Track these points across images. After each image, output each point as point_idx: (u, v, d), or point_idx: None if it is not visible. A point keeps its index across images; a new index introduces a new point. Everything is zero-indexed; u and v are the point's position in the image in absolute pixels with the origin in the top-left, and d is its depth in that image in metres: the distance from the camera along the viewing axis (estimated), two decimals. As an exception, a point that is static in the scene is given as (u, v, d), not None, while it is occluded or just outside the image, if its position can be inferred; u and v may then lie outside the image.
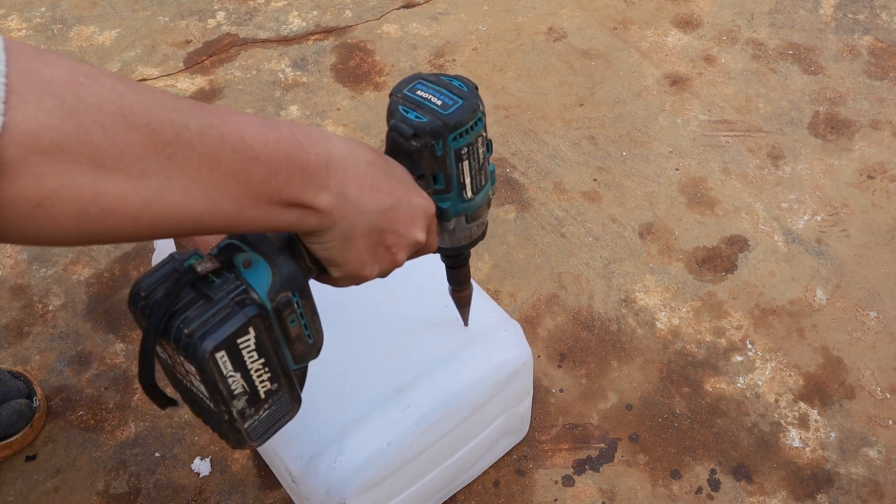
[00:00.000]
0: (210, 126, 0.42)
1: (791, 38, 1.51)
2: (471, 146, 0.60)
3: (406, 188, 0.56)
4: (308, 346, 0.57)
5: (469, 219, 0.66)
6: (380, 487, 0.79)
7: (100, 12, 1.59)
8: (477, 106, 0.59)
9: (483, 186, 0.64)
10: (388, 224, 0.55)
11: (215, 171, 0.43)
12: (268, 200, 0.46)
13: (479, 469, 0.97)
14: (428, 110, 0.58)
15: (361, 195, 0.52)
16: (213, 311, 0.50)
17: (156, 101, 0.40)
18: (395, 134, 0.59)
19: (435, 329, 0.84)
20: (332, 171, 0.49)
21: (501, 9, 1.58)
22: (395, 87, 0.60)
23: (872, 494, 0.97)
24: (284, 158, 0.46)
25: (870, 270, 1.18)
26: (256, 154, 0.44)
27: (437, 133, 0.58)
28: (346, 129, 1.37)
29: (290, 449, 0.78)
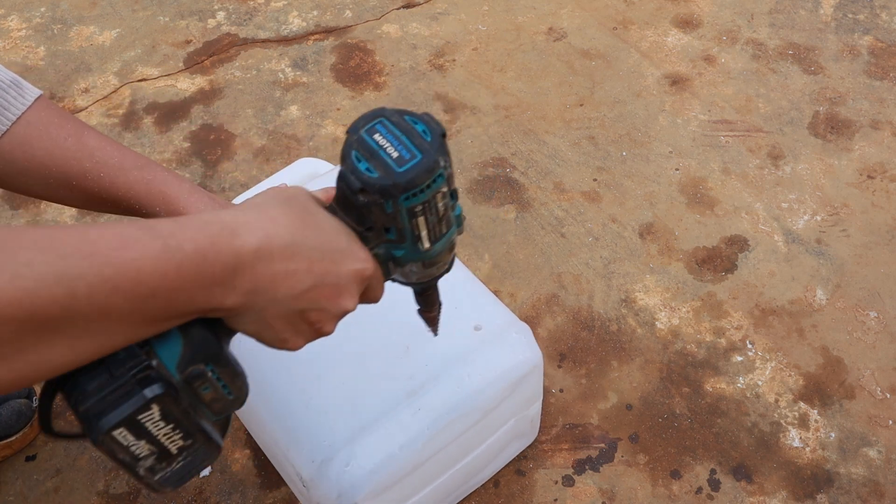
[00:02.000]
0: (101, 280, 0.40)
1: (791, 38, 1.51)
2: (427, 203, 0.53)
3: (335, 257, 0.52)
4: (228, 402, 0.54)
5: (427, 265, 0.60)
6: (391, 491, 0.79)
7: (100, 12, 1.59)
8: (436, 163, 0.52)
9: (443, 235, 0.57)
10: (308, 304, 0.52)
11: (105, 322, 0.41)
12: (165, 319, 0.45)
13: (489, 473, 0.97)
14: (381, 163, 0.52)
15: (274, 285, 0.49)
16: (112, 388, 0.47)
17: (39, 276, 0.38)
18: (343, 185, 0.53)
19: (445, 332, 0.84)
20: (240, 272, 0.47)
21: (501, 9, 1.58)
22: (354, 124, 0.54)
23: (872, 494, 0.97)
24: (186, 282, 0.44)
25: (870, 270, 1.18)
26: (154, 290, 0.42)
27: (387, 193, 0.52)
28: (345, 129, 1.37)
29: (301, 453, 0.78)
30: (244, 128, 1.38)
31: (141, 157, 0.77)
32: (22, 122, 0.73)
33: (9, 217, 1.27)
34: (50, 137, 0.74)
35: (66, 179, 0.75)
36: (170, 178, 0.78)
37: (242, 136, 1.37)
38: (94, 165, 0.75)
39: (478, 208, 1.26)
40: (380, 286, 0.59)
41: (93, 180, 0.75)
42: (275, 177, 1.01)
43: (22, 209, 1.28)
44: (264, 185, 0.99)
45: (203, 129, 1.38)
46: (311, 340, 0.55)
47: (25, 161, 0.73)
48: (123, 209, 0.78)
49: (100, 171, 0.75)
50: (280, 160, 1.33)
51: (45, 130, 0.74)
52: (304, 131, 1.37)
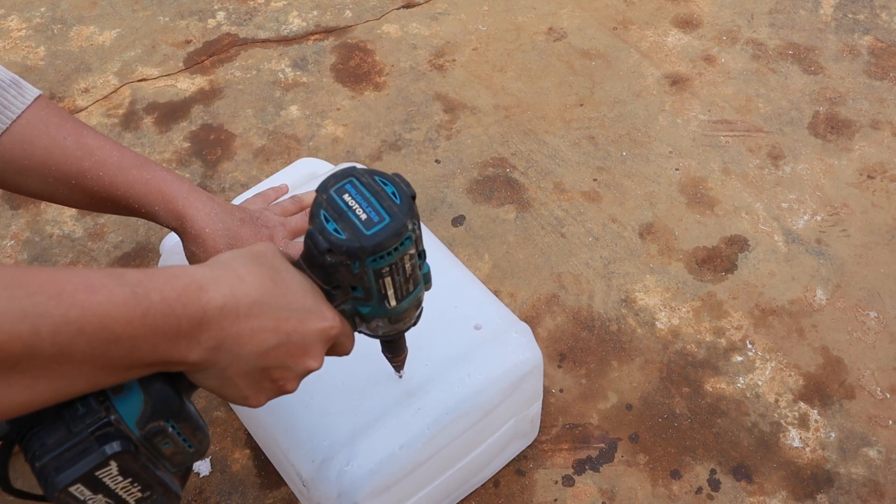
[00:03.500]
0: (66, 322, 0.40)
1: (791, 38, 1.51)
2: (394, 265, 0.54)
3: (301, 316, 0.53)
4: (188, 454, 0.54)
5: (393, 321, 0.60)
6: (391, 491, 0.79)
7: (100, 12, 1.59)
8: (404, 227, 0.53)
9: (410, 293, 0.58)
10: (273, 362, 0.52)
11: (66, 364, 0.41)
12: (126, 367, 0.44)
13: (489, 473, 0.97)
14: (349, 224, 0.52)
15: (238, 342, 0.49)
16: (70, 445, 0.47)
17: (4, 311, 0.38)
18: (311, 244, 0.53)
19: (445, 332, 0.84)
20: (205, 327, 0.47)
21: (501, 9, 1.58)
22: (324, 183, 0.54)
23: (872, 494, 0.97)
24: (151, 331, 0.44)
25: (870, 270, 1.18)
26: (118, 336, 0.42)
27: (353, 255, 0.52)
28: (346, 129, 1.37)
29: (301, 453, 0.78)
30: (244, 128, 1.38)
31: (140, 157, 0.77)
32: (21, 122, 0.73)
33: (9, 217, 1.27)
34: (49, 136, 0.74)
35: (65, 178, 0.75)
36: (169, 177, 0.78)
37: (242, 136, 1.37)
38: (93, 165, 0.75)
39: (478, 208, 1.26)
40: (348, 341, 0.60)
41: (92, 179, 0.75)
42: (275, 177, 1.01)
43: (22, 209, 1.28)
44: (264, 185, 0.99)
45: (203, 129, 1.38)
46: (273, 398, 0.55)
47: (25, 160, 0.73)
48: (122, 208, 0.78)
49: (99, 171, 0.75)
50: (280, 160, 1.33)
51: (44, 129, 0.74)
52: (304, 131, 1.37)
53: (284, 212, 0.89)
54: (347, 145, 1.35)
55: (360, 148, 1.34)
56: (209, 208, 0.77)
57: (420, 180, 1.30)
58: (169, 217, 0.77)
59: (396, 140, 1.36)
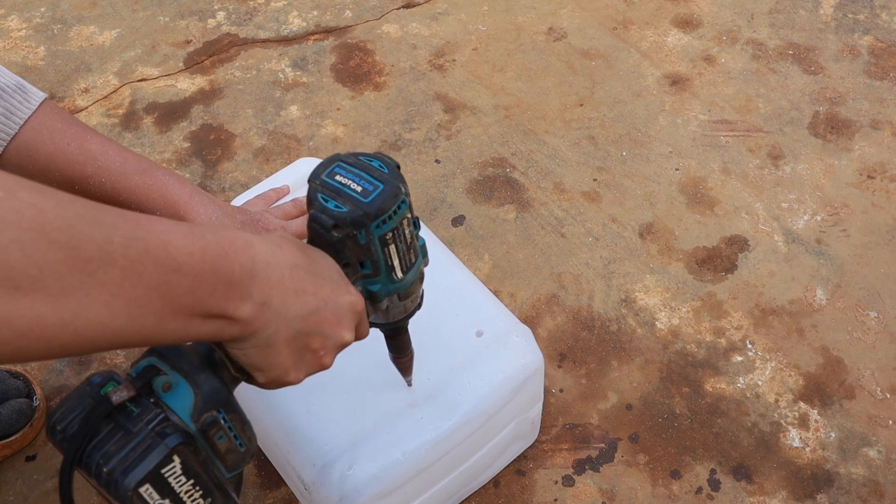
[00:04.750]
0: (134, 238, 0.41)
1: (791, 38, 1.51)
2: (396, 230, 0.57)
3: (333, 286, 0.55)
4: (240, 454, 0.55)
5: (402, 297, 0.63)
6: (392, 496, 0.79)
7: (100, 12, 1.59)
8: (399, 189, 0.56)
9: (413, 264, 0.61)
10: (314, 327, 0.53)
11: (137, 286, 0.41)
12: (189, 313, 0.45)
13: (490, 475, 0.97)
14: (348, 198, 0.56)
15: (285, 301, 0.51)
16: (133, 445, 0.47)
17: (78, 214, 0.39)
18: (316, 225, 0.56)
19: (447, 337, 0.84)
20: (255, 280, 0.48)
21: (501, 9, 1.58)
22: (314, 172, 0.57)
23: (872, 494, 0.97)
24: (209, 268, 0.45)
25: (870, 270, 1.18)
26: (180, 265, 0.43)
27: (359, 223, 0.55)
28: (345, 129, 1.37)
29: (303, 457, 0.78)
30: (244, 128, 1.38)
31: (143, 161, 0.78)
32: (26, 128, 0.73)
33: (9, 217, 1.27)
34: (53, 143, 0.74)
35: (68, 184, 0.75)
36: (171, 181, 0.78)
37: (242, 136, 1.37)
38: (96, 170, 0.75)
39: (478, 208, 1.26)
40: (367, 324, 0.61)
41: (95, 185, 0.75)
42: (275, 176, 1.01)
43: (22, 209, 1.28)
44: (264, 185, 0.99)
45: (203, 129, 1.38)
46: (311, 373, 0.57)
47: (29, 165, 0.74)
48: None
49: (101, 177, 0.75)
50: (280, 160, 1.33)
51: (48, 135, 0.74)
52: (304, 131, 1.37)
53: (286, 215, 0.90)
54: (347, 145, 1.35)
55: (360, 148, 1.34)
56: (211, 212, 0.78)
57: (420, 180, 1.30)
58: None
59: (396, 140, 1.36)
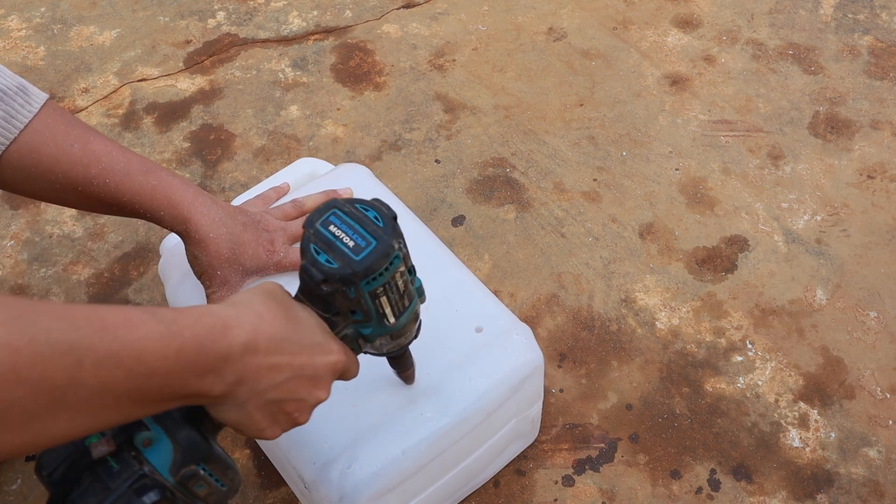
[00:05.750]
0: (108, 355, 0.42)
1: (791, 38, 1.51)
2: (387, 284, 0.57)
3: (312, 350, 0.56)
4: (222, 493, 0.56)
5: (395, 336, 0.64)
6: (392, 494, 0.79)
7: (100, 12, 1.59)
8: (391, 248, 0.56)
9: (407, 308, 0.61)
10: (287, 395, 0.55)
11: (106, 397, 0.43)
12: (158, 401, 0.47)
13: (489, 474, 0.97)
14: (339, 254, 0.56)
15: (258, 376, 0.52)
16: (111, 501, 0.49)
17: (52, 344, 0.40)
18: (307, 277, 0.57)
19: (447, 335, 0.84)
20: (229, 363, 0.50)
21: (501, 9, 1.58)
22: (309, 218, 0.58)
23: (872, 494, 0.97)
24: (183, 366, 0.47)
25: (870, 270, 1.18)
26: (154, 371, 0.45)
27: (348, 281, 0.56)
28: (346, 129, 1.37)
29: (303, 456, 0.78)
30: (244, 128, 1.38)
31: (146, 162, 0.78)
32: (29, 130, 0.73)
33: (9, 217, 1.27)
34: (56, 144, 0.74)
35: (71, 185, 0.75)
36: (174, 182, 0.78)
37: (242, 136, 1.37)
38: (99, 171, 0.75)
39: (478, 208, 1.26)
40: (354, 368, 0.63)
41: (98, 186, 0.76)
42: (275, 176, 1.01)
43: (22, 209, 1.28)
44: (264, 185, 0.99)
45: (203, 129, 1.38)
46: (287, 430, 0.58)
47: (32, 167, 0.74)
48: (128, 213, 0.79)
49: (105, 177, 0.75)
50: (280, 160, 1.33)
51: (50, 137, 0.74)
52: (304, 131, 1.37)
53: (285, 216, 0.90)
54: (347, 145, 1.35)
55: (360, 148, 1.34)
56: (213, 213, 0.78)
57: (420, 180, 1.30)
58: (174, 221, 0.78)
59: (396, 140, 1.36)
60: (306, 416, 0.59)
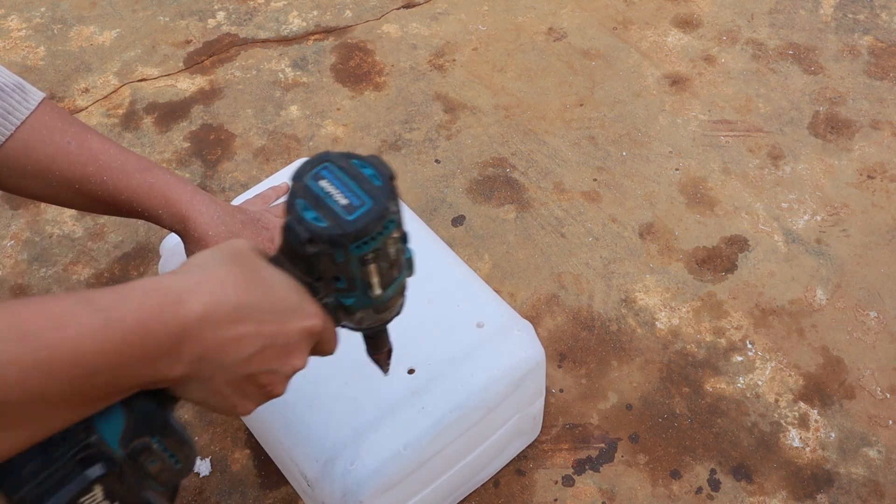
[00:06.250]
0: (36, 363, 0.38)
1: (791, 38, 1.51)
2: (378, 250, 0.52)
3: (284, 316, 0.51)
4: (175, 471, 0.51)
5: (378, 310, 0.57)
6: (395, 490, 0.79)
7: (100, 12, 1.59)
8: (386, 210, 0.50)
9: (395, 279, 0.56)
10: (257, 367, 0.50)
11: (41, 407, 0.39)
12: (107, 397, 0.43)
13: (492, 471, 0.97)
14: (329, 212, 0.50)
15: (222, 351, 0.47)
16: (49, 473, 0.44)
17: None
18: (290, 236, 0.51)
19: (448, 330, 0.84)
20: (186, 342, 0.45)
21: (501, 9, 1.58)
22: (299, 170, 0.52)
23: (872, 494, 0.97)
24: (130, 357, 0.42)
25: (870, 270, 1.18)
26: (96, 368, 0.40)
27: (337, 243, 0.50)
28: (345, 129, 1.37)
29: (305, 453, 0.78)
30: (244, 128, 1.38)
31: (143, 160, 0.78)
32: (25, 127, 0.73)
33: (9, 217, 1.27)
34: (53, 141, 0.74)
35: (68, 183, 0.75)
36: (172, 180, 0.78)
37: (242, 136, 1.37)
38: (96, 169, 0.75)
39: (478, 208, 1.26)
40: (332, 339, 0.57)
41: (96, 184, 0.75)
42: (275, 176, 1.01)
43: (22, 209, 1.28)
44: (264, 184, 0.99)
45: (203, 129, 1.38)
46: (261, 403, 0.54)
47: (29, 165, 0.73)
48: (126, 212, 0.78)
49: (102, 175, 0.75)
50: (280, 160, 1.33)
51: (48, 134, 0.74)
52: (304, 131, 1.37)
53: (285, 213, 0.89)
54: (347, 145, 1.35)
55: (360, 148, 1.34)
56: (212, 211, 0.78)
57: (420, 180, 1.30)
58: (172, 220, 0.77)
59: (396, 140, 1.36)
60: (282, 388, 0.53)
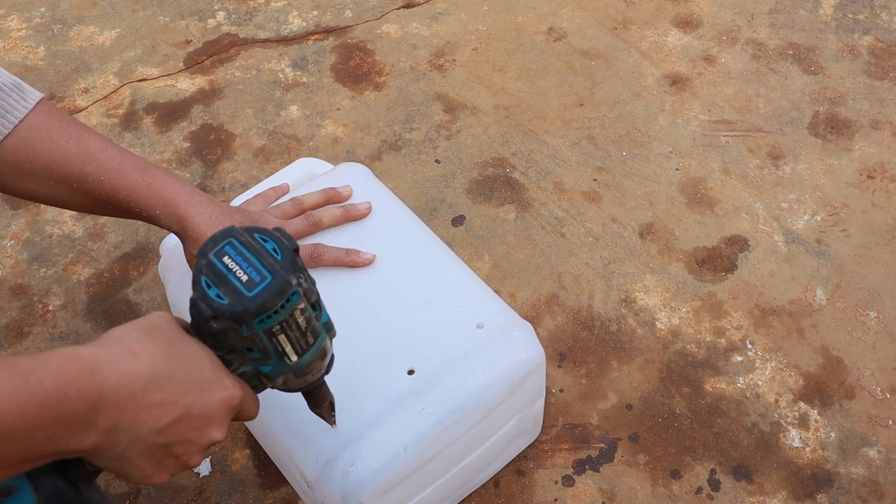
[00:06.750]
0: None
1: (791, 38, 1.51)
2: (284, 322, 0.52)
3: (200, 388, 0.51)
4: None
5: (299, 374, 0.58)
6: (395, 491, 0.79)
7: (100, 12, 1.59)
8: (287, 284, 0.51)
9: (310, 346, 0.56)
10: (174, 437, 0.50)
11: None
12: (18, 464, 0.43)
13: (492, 471, 0.97)
14: (231, 288, 0.51)
15: (137, 420, 0.48)
16: None
17: None
18: (195, 312, 0.52)
19: (448, 331, 0.84)
20: (101, 409, 0.45)
21: (501, 9, 1.58)
22: (203, 247, 0.53)
23: (872, 494, 0.97)
24: (47, 421, 0.42)
25: (870, 270, 1.18)
26: (11, 431, 0.41)
27: (239, 319, 0.51)
28: (345, 129, 1.37)
29: (305, 454, 0.78)
30: (244, 128, 1.38)
31: (141, 160, 0.77)
32: (24, 126, 0.73)
33: (9, 217, 1.27)
34: (51, 140, 0.73)
35: (66, 182, 0.75)
36: (170, 180, 0.78)
37: (242, 136, 1.37)
38: (94, 168, 0.74)
39: (478, 208, 1.26)
40: (253, 406, 0.58)
41: (93, 183, 0.75)
42: (275, 176, 1.01)
43: (22, 209, 1.28)
44: (264, 185, 0.99)
45: (203, 129, 1.38)
46: (176, 473, 0.54)
47: (27, 164, 0.73)
48: (124, 212, 0.78)
49: (100, 175, 0.75)
50: (280, 160, 1.33)
51: (46, 134, 0.73)
52: (304, 131, 1.37)
53: (284, 214, 0.89)
54: (347, 145, 1.35)
55: (360, 148, 1.34)
56: (210, 211, 0.77)
57: (420, 180, 1.30)
58: (170, 220, 0.77)
59: (396, 140, 1.36)
60: (198, 459, 0.53)
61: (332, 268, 0.87)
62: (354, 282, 0.87)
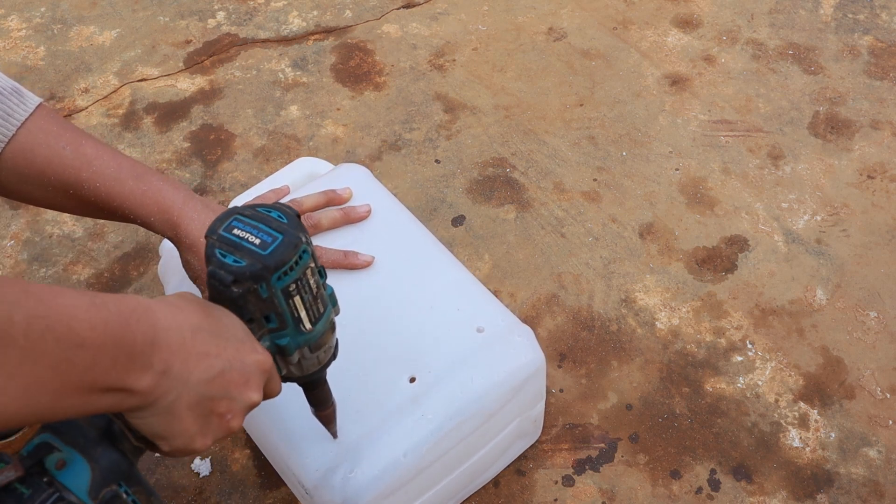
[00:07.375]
0: (36, 317, 0.41)
1: (791, 38, 1.51)
2: (299, 281, 0.56)
3: (238, 346, 0.53)
4: None
5: (313, 348, 0.61)
6: (395, 496, 0.79)
7: (100, 12, 1.59)
8: (299, 239, 0.55)
9: (322, 314, 0.59)
10: (219, 391, 0.52)
11: (37, 365, 0.41)
12: (87, 388, 0.44)
13: (492, 473, 0.97)
14: (246, 252, 0.54)
15: (187, 366, 0.49)
16: None
17: None
18: (215, 282, 0.54)
19: (447, 335, 0.84)
20: (156, 347, 0.47)
21: (501, 9, 1.58)
22: (210, 227, 0.56)
23: (872, 494, 0.97)
24: (111, 341, 0.44)
25: (870, 270, 1.18)
26: (83, 340, 0.43)
27: (259, 276, 0.53)
28: (345, 129, 1.37)
29: (303, 462, 0.77)
30: (244, 128, 1.38)
31: (138, 166, 0.77)
32: (24, 130, 0.73)
33: (9, 217, 1.27)
34: (49, 145, 0.74)
35: (63, 188, 0.75)
36: (165, 187, 0.78)
37: (242, 136, 1.37)
38: (90, 175, 0.75)
39: (478, 208, 1.26)
40: (277, 381, 0.60)
41: (89, 190, 0.75)
42: (275, 176, 1.01)
43: (22, 209, 1.28)
44: (264, 185, 0.99)
45: (203, 129, 1.38)
46: (218, 439, 0.55)
47: (26, 168, 0.73)
48: (119, 218, 0.78)
49: (96, 182, 0.75)
50: (280, 160, 1.33)
51: (44, 139, 0.74)
52: (304, 131, 1.37)
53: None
54: (347, 145, 1.35)
55: (360, 148, 1.34)
56: (204, 217, 0.77)
57: (420, 180, 1.30)
58: (164, 227, 0.77)
59: (396, 140, 1.36)
60: (239, 421, 0.55)
61: (330, 270, 0.87)
62: (353, 285, 0.87)
